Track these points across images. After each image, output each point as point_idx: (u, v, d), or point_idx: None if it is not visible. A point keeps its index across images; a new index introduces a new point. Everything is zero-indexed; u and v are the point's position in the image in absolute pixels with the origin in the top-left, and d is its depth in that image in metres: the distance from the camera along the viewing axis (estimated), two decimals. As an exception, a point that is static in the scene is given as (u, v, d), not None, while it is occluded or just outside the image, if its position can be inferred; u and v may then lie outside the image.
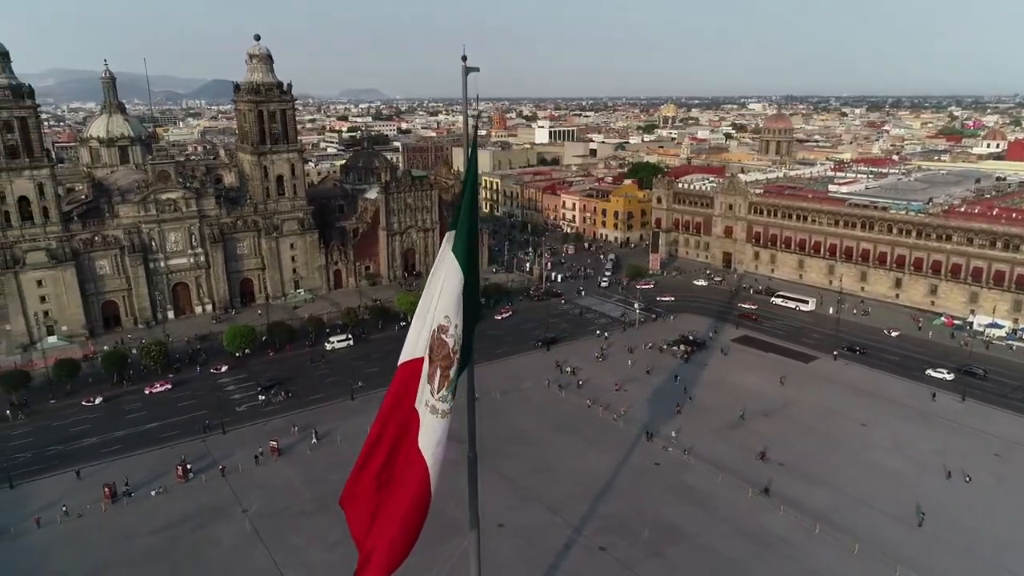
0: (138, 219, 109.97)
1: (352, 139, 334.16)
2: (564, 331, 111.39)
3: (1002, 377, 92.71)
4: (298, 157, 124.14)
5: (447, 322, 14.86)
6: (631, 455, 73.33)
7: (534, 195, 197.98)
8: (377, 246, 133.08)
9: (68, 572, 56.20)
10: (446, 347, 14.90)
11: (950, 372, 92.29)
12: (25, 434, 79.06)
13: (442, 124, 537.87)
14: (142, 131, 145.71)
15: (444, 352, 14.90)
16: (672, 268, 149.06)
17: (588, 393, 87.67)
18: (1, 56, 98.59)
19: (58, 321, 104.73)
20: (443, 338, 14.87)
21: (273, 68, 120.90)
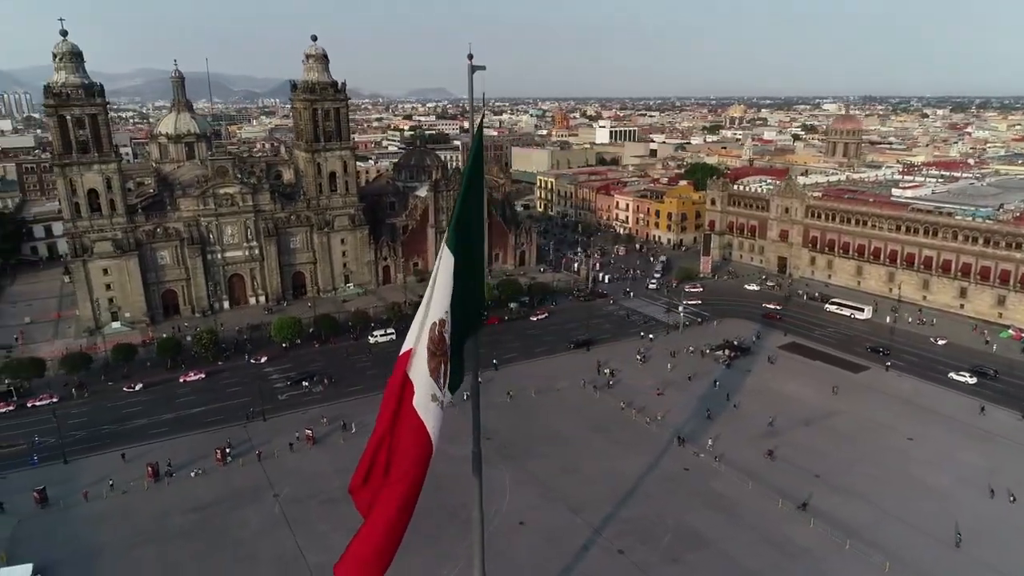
0: (197, 212, 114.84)
1: (412, 137, 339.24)
2: (607, 332, 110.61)
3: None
4: (350, 154, 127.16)
5: (447, 316, 15.16)
6: (661, 459, 72.31)
7: (588, 195, 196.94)
8: (425, 243, 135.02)
9: (108, 544, 59.35)
10: (444, 343, 15.22)
11: (972, 376, 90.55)
12: (82, 413, 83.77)
13: (504, 124, 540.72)
14: (207, 128, 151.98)
15: (443, 348, 15.22)
16: (724, 272, 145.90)
17: (624, 395, 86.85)
18: (75, 56, 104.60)
19: (121, 308, 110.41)
20: (443, 333, 15.20)
21: (328, 68, 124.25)
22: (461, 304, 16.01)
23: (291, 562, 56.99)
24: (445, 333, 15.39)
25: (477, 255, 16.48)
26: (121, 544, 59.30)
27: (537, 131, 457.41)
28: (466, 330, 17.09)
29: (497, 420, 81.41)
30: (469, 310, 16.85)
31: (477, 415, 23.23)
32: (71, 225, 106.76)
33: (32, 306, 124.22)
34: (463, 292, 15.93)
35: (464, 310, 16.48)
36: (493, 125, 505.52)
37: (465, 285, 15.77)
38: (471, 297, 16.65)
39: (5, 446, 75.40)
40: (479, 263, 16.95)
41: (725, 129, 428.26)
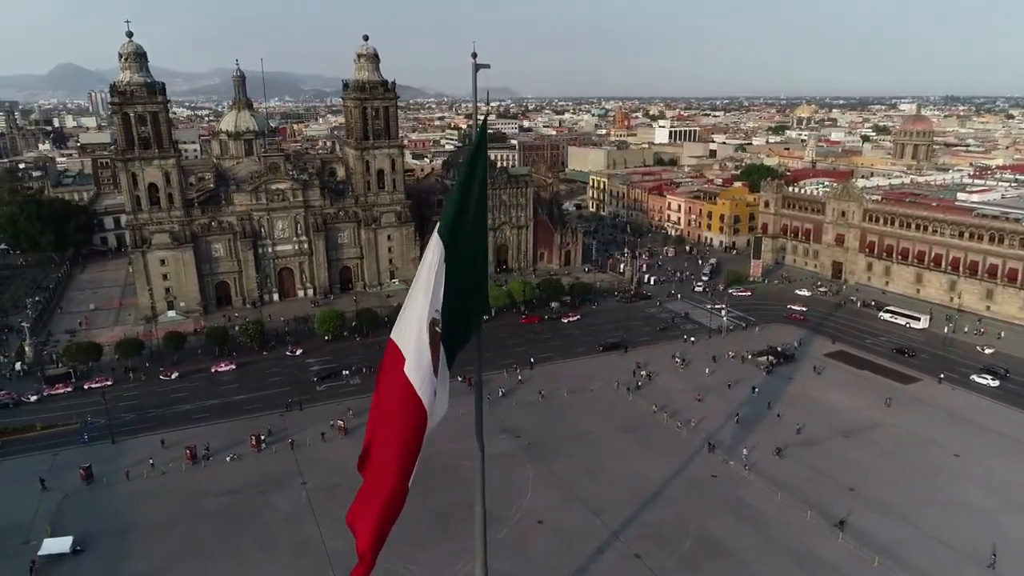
0: (250, 207, 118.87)
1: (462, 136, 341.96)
2: (646, 334, 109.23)
3: None
4: (398, 152, 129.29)
5: (437, 315, 15.18)
6: (688, 465, 71.03)
7: (640, 195, 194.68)
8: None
9: (143, 521, 62.19)
10: (437, 339, 15.33)
11: (994, 378, 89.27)
12: (132, 397, 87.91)
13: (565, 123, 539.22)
14: (265, 126, 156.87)
15: (436, 343, 15.33)
16: (776, 276, 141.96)
17: (658, 398, 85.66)
18: (139, 57, 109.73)
19: (177, 297, 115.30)
20: (436, 330, 15.29)
21: (379, 67, 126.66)
22: (460, 299, 15.96)
23: (311, 548, 58.50)
24: (437, 328, 15.29)
25: (477, 248, 16.05)
26: (155, 521, 62.03)
27: (597, 131, 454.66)
28: (466, 324, 17.18)
29: (527, 418, 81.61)
30: (469, 304, 16.90)
31: (480, 412, 23.24)
32: (132, 217, 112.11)
33: (98, 293, 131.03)
34: (462, 286, 15.80)
35: (463, 304, 16.69)
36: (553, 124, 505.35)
37: (465, 278, 15.73)
38: (472, 291, 16.45)
39: (60, 425, 79.81)
40: (480, 257, 16.44)
41: (791, 130, 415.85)
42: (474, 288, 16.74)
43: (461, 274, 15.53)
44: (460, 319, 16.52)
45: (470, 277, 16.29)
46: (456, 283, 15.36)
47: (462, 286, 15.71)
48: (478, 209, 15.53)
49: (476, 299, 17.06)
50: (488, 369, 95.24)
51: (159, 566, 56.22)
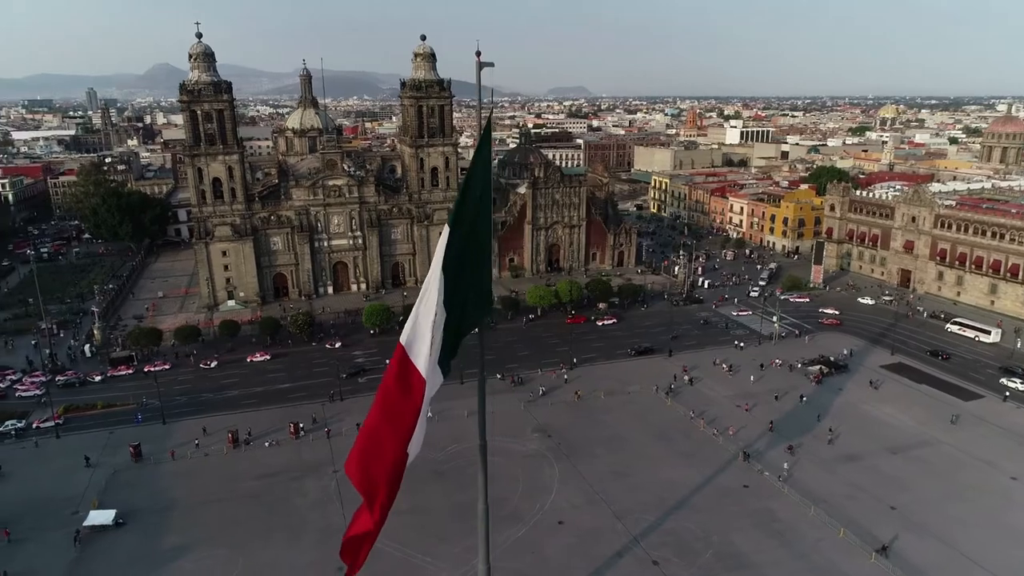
0: (308, 202, 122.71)
1: (537, 135, 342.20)
2: (694, 338, 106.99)
3: None
4: (453, 150, 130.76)
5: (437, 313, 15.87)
6: (720, 473, 69.26)
7: (702, 196, 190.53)
8: (522, 239, 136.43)
9: (182, 498, 65.27)
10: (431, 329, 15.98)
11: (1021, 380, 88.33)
12: (186, 381, 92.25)
13: (636, 123, 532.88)
14: (330, 123, 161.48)
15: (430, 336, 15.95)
16: (839, 283, 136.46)
17: (696, 404, 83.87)
18: (207, 57, 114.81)
19: (236, 288, 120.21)
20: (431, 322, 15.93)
21: (436, 66, 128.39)
22: (463, 292, 16.46)
23: (334, 534, 59.84)
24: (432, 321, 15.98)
25: (479, 244, 16.50)
26: (193, 500, 65.02)
27: (667, 131, 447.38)
28: (469, 318, 17.56)
29: (560, 418, 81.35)
30: (472, 299, 17.26)
31: (482, 410, 23.39)
32: (197, 210, 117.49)
33: (168, 282, 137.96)
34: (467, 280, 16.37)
35: (466, 298, 16.95)
36: (623, 124, 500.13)
37: (466, 272, 16.11)
38: (475, 286, 16.93)
39: (118, 405, 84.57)
40: (483, 253, 16.99)
41: (872, 131, 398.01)
42: (476, 283, 17.28)
43: (462, 268, 16.01)
44: (460, 312, 16.91)
45: (471, 272, 16.72)
46: (456, 276, 15.84)
47: (463, 280, 16.22)
48: (481, 206, 16.01)
49: (478, 293, 17.57)
50: (530, 367, 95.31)
51: (192, 542, 58.90)
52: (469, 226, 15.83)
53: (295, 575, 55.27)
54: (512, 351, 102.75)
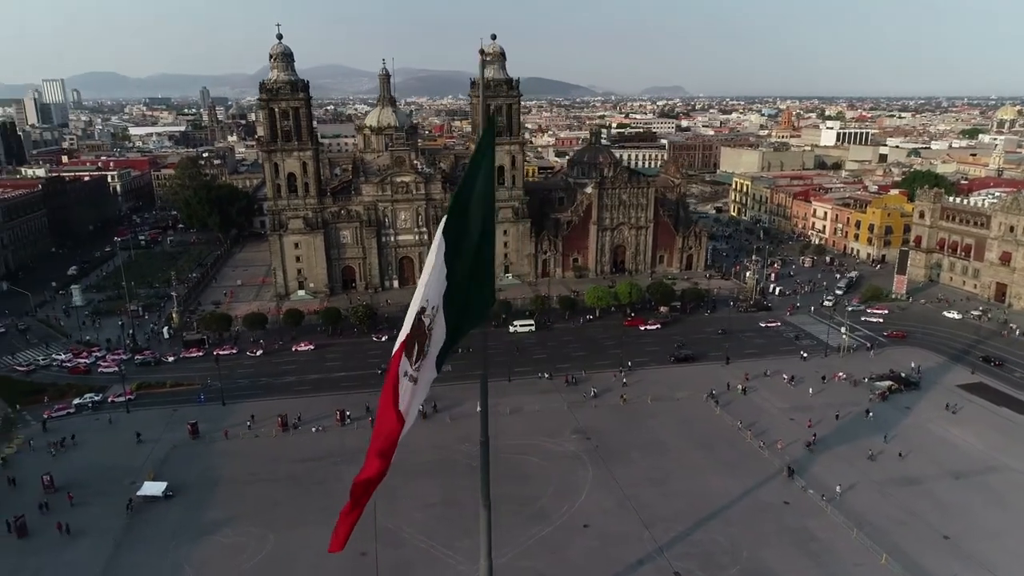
0: (376, 198, 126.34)
1: (620, 135, 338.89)
2: (756, 347, 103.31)
3: None
4: (518, 149, 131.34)
5: (427, 304, 15.68)
6: (761, 487, 66.62)
7: (784, 200, 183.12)
8: (587, 239, 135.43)
9: (228, 476, 68.80)
10: (423, 325, 15.90)
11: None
12: (250, 365, 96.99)
13: (728, 123, 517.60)
14: (406, 122, 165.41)
15: (421, 330, 15.87)
16: (924, 295, 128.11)
17: (747, 415, 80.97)
18: (286, 57, 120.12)
19: (307, 279, 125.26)
20: (423, 319, 15.83)
21: (505, 65, 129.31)
22: (459, 290, 16.13)
23: (362, 520, 60.99)
24: (424, 317, 15.71)
25: (481, 242, 16.08)
26: (239, 478, 68.43)
27: (760, 131, 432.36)
28: (466, 316, 17.18)
29: (602, 421, 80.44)
30: (471, 297, 16.77)
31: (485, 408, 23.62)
32: (272, 203, 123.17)
33: (248, 271, 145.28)
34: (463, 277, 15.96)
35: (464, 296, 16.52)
36: (714, 124, 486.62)
37: (466, 270, 15.84)
38: (474, 284, 16.50)
39: (185, 384, 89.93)
40: (483, 250, 16.43)
41: (986, 134, 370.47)
42: (477, 281, 16.80)
43: (462, 266, 15.70)
44: (459, 310, 16.61)
45: (472, 269, 16.73)
46: (456, 274, 15.58)
47: (463, 278, 15.89)
48: (483, 202, 15.67)
49: (479, 292, 17.05)
50: (582, 368, 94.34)
51: (230, 517, 62.03)
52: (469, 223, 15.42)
53: (320, 556, 57.02)
54: (566, 351, 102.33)
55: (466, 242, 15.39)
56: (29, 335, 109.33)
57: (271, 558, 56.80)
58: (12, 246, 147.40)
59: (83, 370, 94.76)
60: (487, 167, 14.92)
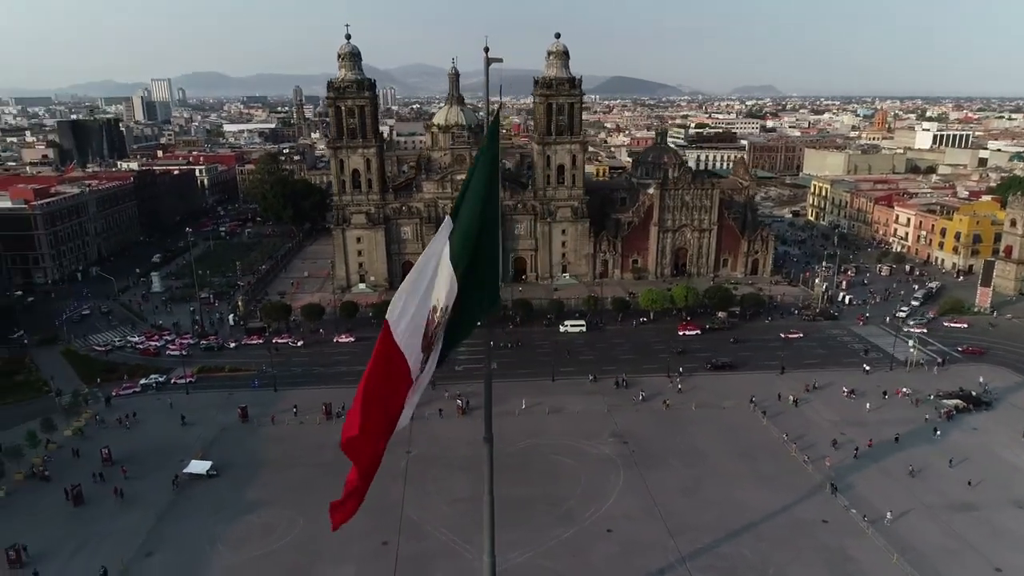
0: (437, 195, 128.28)
1: (698, 135, 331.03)
2: (816, 357, 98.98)
3: None
4: (580, 148, 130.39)
5: (438, 303, 16.22)
6: (800, 503, 63.83)
7: (864, 205, 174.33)
8: (647, 241, 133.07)
9: (270, 459, 71.54)
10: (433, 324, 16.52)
11: None
12: (305, 355, 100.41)
13: (819, 124, 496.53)
14: (474, 120, 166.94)
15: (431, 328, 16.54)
16: (1013, 309, 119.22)
17: (795, 428, 77.73)
18: (354, 56, 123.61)
19: (368, 272, 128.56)
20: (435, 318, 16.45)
21: (568, 64, 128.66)
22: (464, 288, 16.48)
23: (389, 510, 62.96)
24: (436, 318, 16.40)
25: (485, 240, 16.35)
26: (279, 462, 71.04)
27: (850, 132, 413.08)
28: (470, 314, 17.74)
29: (641, 425, 79.03)
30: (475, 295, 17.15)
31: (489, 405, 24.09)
32: (337, 199, 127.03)
33: (315, 263, 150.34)
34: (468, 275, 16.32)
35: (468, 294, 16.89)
36: (801, 125, 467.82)
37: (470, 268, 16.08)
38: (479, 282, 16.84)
39: (242, 370, 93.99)
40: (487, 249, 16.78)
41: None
42: (481, 279, 17.30)
43: (467, 263, 16.14)
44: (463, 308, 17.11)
45: (477, 268, 16.82)
46: (461, 272, 16.02)
47: (468, 276, 16.35)
48: (488, 201, 15.87)
49: (484, 290, 17.62)
50: (635, 372, 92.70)
51: (266, 499, 64.53)
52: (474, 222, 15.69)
53: (343, 542, 58.47)
54: (615, 353, 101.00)
55: (475, 240, 15.27)
56: (111, 317, 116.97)
57: (297, 541, 58.73)
58: (104, 234, 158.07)
59: (153, 352, 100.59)
60: (490, 167, 14.61)
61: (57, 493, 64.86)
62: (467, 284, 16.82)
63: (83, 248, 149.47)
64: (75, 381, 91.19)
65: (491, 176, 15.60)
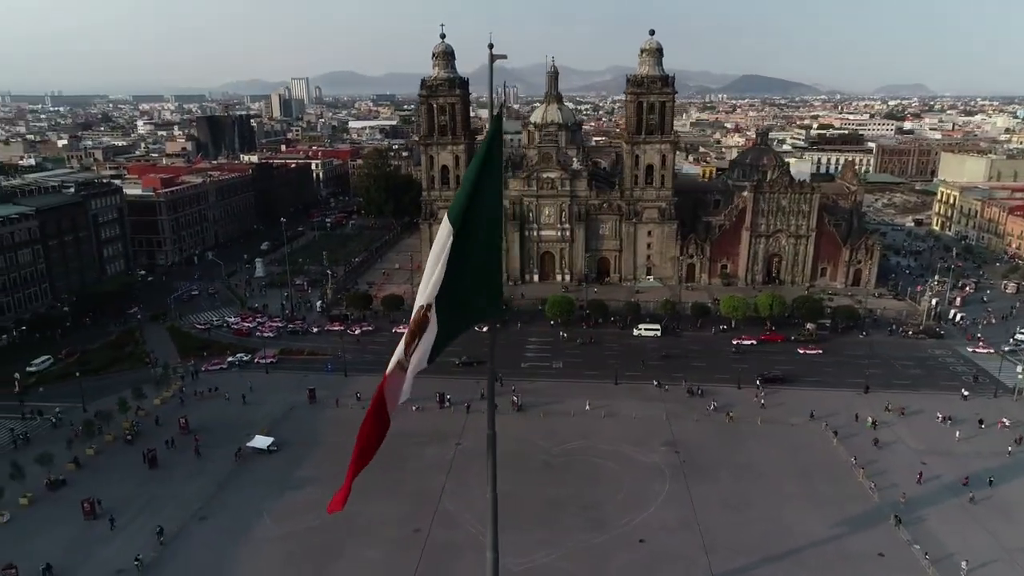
0: (522, 192, 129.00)
1: (820, 136, 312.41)
2: (908, 378, 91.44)
3: None
4: (670, 148, 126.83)
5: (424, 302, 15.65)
6: (856, 533, 59.40)
7: (996, 215, 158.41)
8: (737, 246, 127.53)
9: (327, 441, 74.80)
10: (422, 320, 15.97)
11: None
12: (379, 343, 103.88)
13: (968, 126, 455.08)
14: (571, 119, 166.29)
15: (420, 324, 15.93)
16: None
17: (868, 452, 72.29)
18: (447, 56, 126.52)
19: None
20: (428, 316, 15.92)
21: (661, 62, 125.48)
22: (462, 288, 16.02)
23: (427, 500, 64.48)
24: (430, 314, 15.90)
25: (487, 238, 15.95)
26: (334, 443, 74.10)
27: (1002, 135, 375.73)
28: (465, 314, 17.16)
29: (698, 436, 76.28)
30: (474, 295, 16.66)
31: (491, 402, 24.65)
32: (426, 194, 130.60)
33: (408, 256, 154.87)
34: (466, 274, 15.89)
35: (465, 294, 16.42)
36: (943, 128, 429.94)
37: (470, 266, 15.73)
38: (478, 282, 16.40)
39: (319, 354, 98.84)
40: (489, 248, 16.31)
41: None
42: (481, 278, 16.77)
43: (466, 262, 15.73)
44: (459, 307, 16.64)
45: (477, 266, 16.47)
46: (459, 270, 15.53)
47: (466, 274, 15.88)
48: (490, 199, 15.40)
49: (484, 290, 16.95)
50: (706, 381, 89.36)
51: (315, 477, 67.71)
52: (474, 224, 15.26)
53: (377, 526, 60.70)
54: (686, 360, 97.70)
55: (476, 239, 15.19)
56: (216, 299, 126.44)
57: (333, 520, 60.71)
58: (222, 221, 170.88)
59: (245, 333, 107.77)
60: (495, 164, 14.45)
61: (137, 455, 71.11)
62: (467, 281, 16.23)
63: (202, 234, 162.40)
64: (173, 355, 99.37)
65: (495, 175, 14.81)
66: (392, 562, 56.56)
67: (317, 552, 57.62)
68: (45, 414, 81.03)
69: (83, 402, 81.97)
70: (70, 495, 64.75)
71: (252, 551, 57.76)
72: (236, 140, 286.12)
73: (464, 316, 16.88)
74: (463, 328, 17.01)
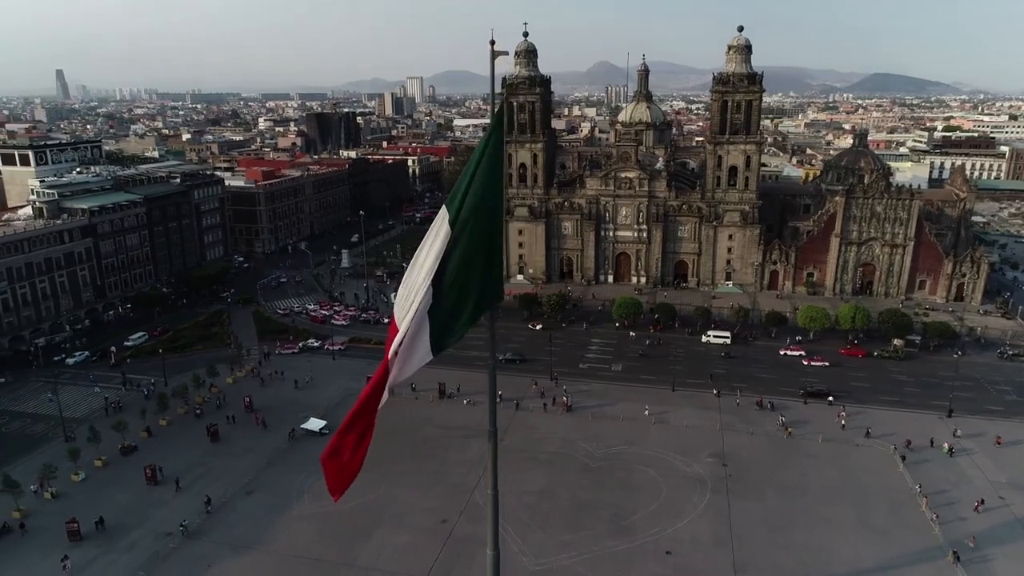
0: (599, 192, 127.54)
1: (945, 139, 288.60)
2: (1004, 404, 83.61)
3: None
4: (755, 149, 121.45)
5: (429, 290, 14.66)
6: (906, 568, 55.18)
7: None
8: (826, 253, 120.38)
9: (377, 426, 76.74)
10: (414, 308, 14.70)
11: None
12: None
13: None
14: (660, 117, 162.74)
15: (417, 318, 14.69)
16: None
17: (937, 481, 66.81)
18: (529, 54, 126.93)
19: (527, 265, 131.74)
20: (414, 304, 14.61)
21: (749, 59, 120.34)
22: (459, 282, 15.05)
23: (460, 493, 65.32)
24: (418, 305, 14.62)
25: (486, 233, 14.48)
26: (383, 429, 74.40)
27: None
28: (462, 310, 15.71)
29: (750, 450, 73.08)
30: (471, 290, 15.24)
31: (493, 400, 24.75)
32: (504, 191, 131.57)
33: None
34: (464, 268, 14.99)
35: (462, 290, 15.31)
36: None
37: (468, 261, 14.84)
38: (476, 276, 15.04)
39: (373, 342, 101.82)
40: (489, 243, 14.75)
41: None
42: (480, 274, 15.70)
43: (464, 256, 15.23)
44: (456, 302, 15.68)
45: (475, 261, 16.04)
46: (456, 264, 15.07)
47: (464, 268, 15.35)
48: (491, 193, 14.55)
49: (482, 286, 15.66)
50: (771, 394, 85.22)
51: (358, 463, 69.92)
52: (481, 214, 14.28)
53: (407, 514, 62.19)
54: (752, 370, 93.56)
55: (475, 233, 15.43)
56: (301, 287, 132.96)
57: (368, 504, 63.06)
58: (317, 213, 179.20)
59: (321, 320, 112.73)
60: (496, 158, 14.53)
61: (202, 429, 76.17)
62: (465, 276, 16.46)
63: (297, 224, 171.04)
64: (253, 338, 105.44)
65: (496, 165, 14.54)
66: (415, 549, 57.73)
67: (347, 534, 59.68)
68: (141, 386, 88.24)
69: (164, 376, 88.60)
70: (139, 461, 70.22)
71: (286, 527, 60.64)
72: (342, 136, 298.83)
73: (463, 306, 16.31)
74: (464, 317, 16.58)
